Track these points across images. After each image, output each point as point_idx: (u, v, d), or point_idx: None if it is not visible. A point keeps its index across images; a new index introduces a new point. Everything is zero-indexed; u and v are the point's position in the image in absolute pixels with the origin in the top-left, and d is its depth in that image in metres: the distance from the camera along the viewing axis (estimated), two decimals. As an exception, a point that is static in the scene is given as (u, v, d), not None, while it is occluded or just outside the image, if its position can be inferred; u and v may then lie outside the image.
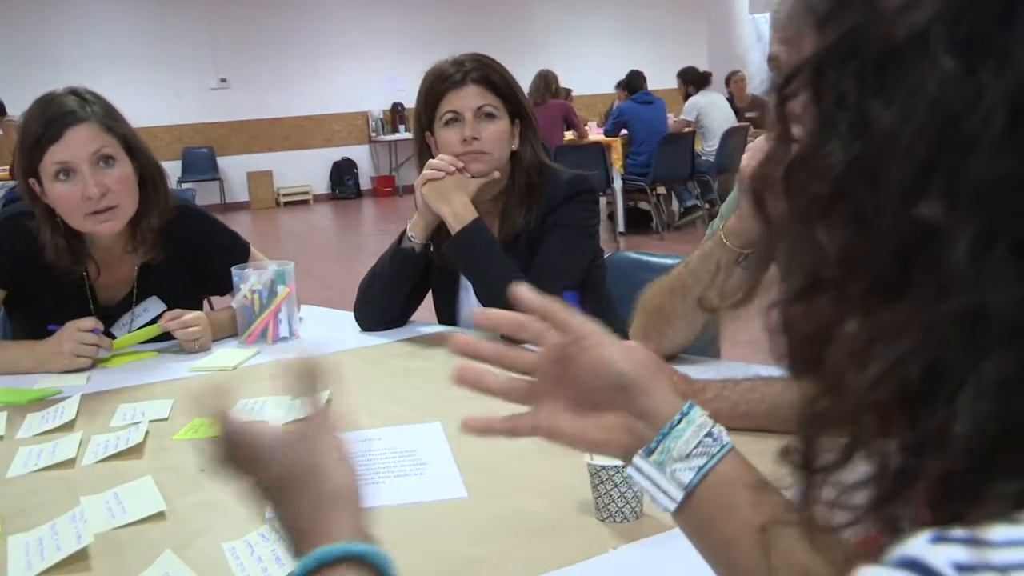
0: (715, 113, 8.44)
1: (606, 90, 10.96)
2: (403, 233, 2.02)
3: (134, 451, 1.44)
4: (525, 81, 5.63)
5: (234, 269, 2.06)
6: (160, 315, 2.03)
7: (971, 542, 0.36)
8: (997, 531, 0.36)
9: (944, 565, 0.35)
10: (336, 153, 12.70)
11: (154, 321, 2.04)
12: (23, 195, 1.98)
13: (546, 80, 8.25)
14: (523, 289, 0.78)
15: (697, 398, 1.05)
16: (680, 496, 0.72)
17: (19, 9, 10.93)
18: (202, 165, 11.91)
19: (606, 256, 2.13)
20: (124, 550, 1.13)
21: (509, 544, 1.08)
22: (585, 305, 0.84)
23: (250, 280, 2.04)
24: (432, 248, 2.03)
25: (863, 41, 0.44)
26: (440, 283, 2.10)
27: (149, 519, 1.19)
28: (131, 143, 1.97)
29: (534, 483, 1.23)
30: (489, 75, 1.97)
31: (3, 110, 7.46)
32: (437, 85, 1.97)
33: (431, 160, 1.96)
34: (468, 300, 2.05)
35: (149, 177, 2.01)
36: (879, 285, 0.44)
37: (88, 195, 1.87)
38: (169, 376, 1.86)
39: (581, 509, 1.14)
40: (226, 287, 2.11)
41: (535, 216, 1.97)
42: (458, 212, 1.92)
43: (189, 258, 2.11)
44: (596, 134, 8.74)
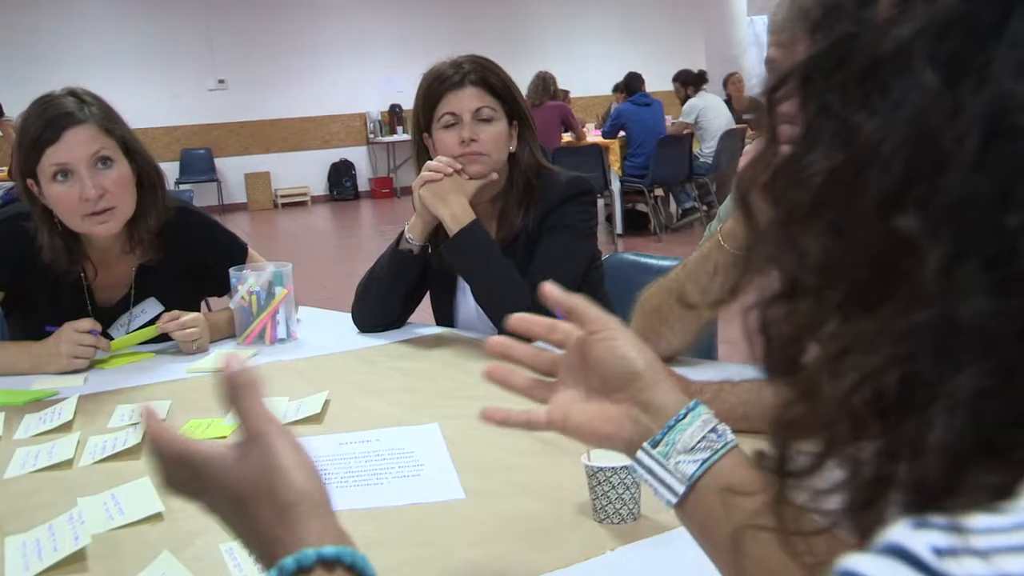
0: (713, 115, 8.45)
1: (604, 92, 10.97)
2: (401, 234, 2.02)
3: (132, 452, 1.43)
4: (523, 83, 5.63)
5: (232, 270, 2.06)
6: (158, 316, 2.03)
7: (952, 528, 0.36)
8: (978, 519, 0.37)
9: (925, 550, 0.36)
10: (334, 154, 12.69)
11: (152, 322, 2.04)
12: (21, 196, 1.98)
13: (544, 82, 8.25)
14: (550, 286, 0.83)
15: (695, 399, 1.06)
16: (682, 489, 0.73)
17: (17, 10, 10.92)
18: (200, 166, 11.90)
19: (604, 258, 2.12)
20: (122, 551, 1.12)
21: (506, 545, 1.08)
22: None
23: (248, 281, 2.04)
24: (430, 250, 2.02)
25: (851, 51, 0.44)
26: (438, 284, 2.10)
27: (147, 520, 1.19)
28: (129, 144, 1.97)
29: (531, 484, 1.23)
30: (487, 77, 1.97)
31: (0, 111, 7.46)
32: (435, 86, 1.97)
33: (429, 162, 1.96)
34: (466, 301, 2.05)
35: (147, 178, 2.01)
36: (856, 294, 0.44)
37: (86, 196, 1.87)
38: (167, 377, 1.86)
39: (579, 510, 1.14)
40: (224, 288, 2.12)
41: (533, 218, 1.97)
42: (456, 214, 1.91)
43: (187, 259, 2.10)
44: (594, 136, 8.75)
